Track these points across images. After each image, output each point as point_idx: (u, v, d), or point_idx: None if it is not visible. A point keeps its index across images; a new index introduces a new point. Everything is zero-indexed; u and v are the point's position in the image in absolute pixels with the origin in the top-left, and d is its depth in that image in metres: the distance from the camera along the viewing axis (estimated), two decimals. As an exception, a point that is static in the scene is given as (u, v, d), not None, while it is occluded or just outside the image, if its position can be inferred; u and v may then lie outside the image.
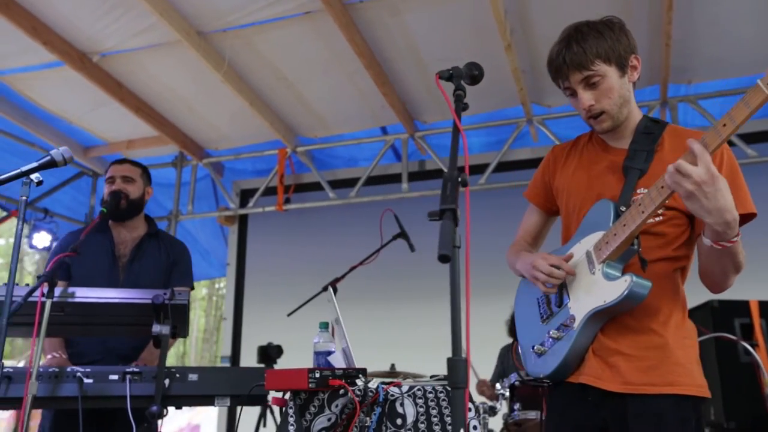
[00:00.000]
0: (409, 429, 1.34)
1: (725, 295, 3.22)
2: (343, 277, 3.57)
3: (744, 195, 1.60)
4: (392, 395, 1.39)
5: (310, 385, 1.44)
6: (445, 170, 4.97)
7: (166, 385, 1.98)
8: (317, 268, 5.06)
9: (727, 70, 4.30)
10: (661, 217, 1.64)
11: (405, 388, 1.40)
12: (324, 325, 1.99)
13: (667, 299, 1.63)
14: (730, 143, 4.31)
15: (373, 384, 1.44)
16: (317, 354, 1.91)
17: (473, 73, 1.59)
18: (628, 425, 1.55)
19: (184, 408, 2.23)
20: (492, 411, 2.72)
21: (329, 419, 1.43)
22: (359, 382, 1.48)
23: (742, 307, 3.20)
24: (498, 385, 2.94)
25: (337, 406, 1.45)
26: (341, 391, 1.44)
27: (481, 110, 4.97)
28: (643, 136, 1.73)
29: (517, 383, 2.84)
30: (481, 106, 4.91)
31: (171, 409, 2.11)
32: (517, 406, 2.81)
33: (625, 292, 1.53)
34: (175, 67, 4.60)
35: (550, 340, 1.69)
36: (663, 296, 1.62)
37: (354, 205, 5.33)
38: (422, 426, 1.36)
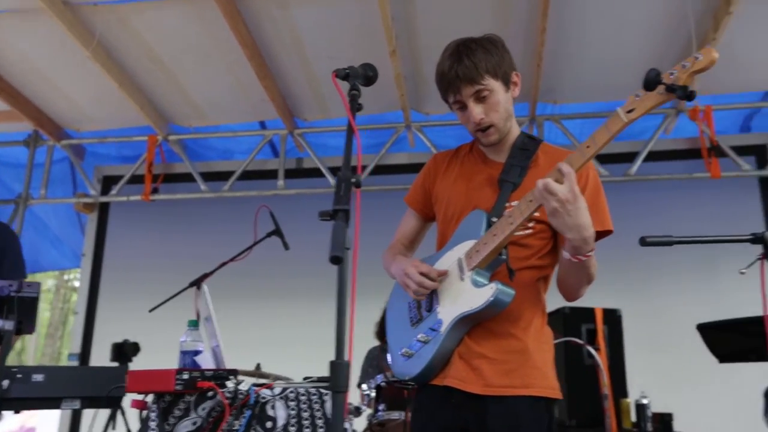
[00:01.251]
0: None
1: (575, 303, 3.52)
2: (212, 273, 3.44)
3: (603, 213, 1.74)
4: (263, 398, 1.36)
5: (177, 388, 1.37)
6: (323, 169, 4.98)
7: (5, 387, 1.80)
8: (184, 263, 4.83)
9: (590, 95, 4.66)
10: (530, 230, 1.74)
11: (277, 390, 1.37)
12: (193, 323, 1.90)
13: (529, 306, 1.74)
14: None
15: (245, 386, 1.39)
16: (184, 353, 1.82)
17: (368, 74, 1.63)
18: (487, 425, 1.63)
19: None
20: (357, 412, 2.75)
21: (194, 423, 1.36)
22: (230, 384, 1.43)
23: (589, 313, 3.49)
24: (364, 386, 2.98)
25: (204, 409, 1.39)
26: (210, 394, 1.38)
27: (361, 112, 5.00)
28: (519, 152, 1.83)
29: (383, 384, 2.89)
30: (369, 108, 4.95)
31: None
32: (381, 407, 2.87)
33: (490, 299, 1.61)
34: (35, 37, 4.21)
35: (418, 343, 1.73)
36: (525, 303, 1.73)
37: (227, 199, 5.16)
38: (292, 429, 1.34)
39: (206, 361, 1.64)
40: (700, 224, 4.34)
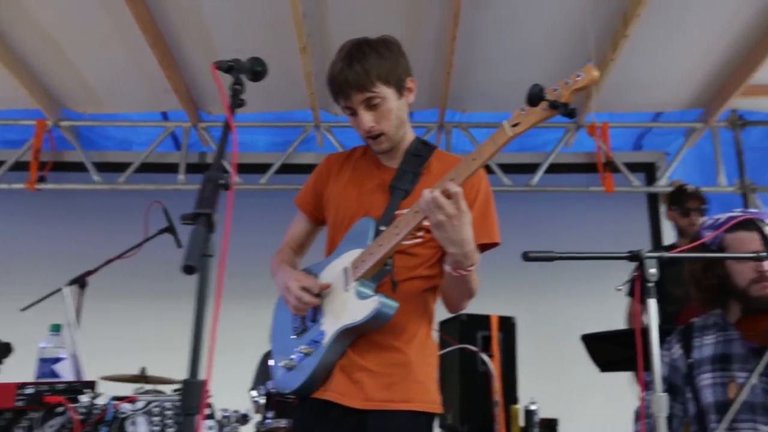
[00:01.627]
0: (138, 450, 1.21)
1: (472, 310, 3.56)
2: (95, 270, 3.23)
3: (492, 225, 1.73)
4: (123, 413, 1.25)
5: (18, 404, 1.23)
6: (225, 164, 4.74)
7: None
8: (72, 259, 4.54)
9: (497, 105, 4.75)
10: (419, 239, 1.70)
11: (140, 404, 1.27)
12: (56, 328, 1.75)
13: (414, 318, 1.71)
14: (490, 170, 4.79)
15: (102, 400, 1.28)
16: (42, 361, 1.66)
17: (256, 69, 1.52)
18: None
19: None
20: (244, 419, 2.65)
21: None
22: (84, 398, 1.31)
23: (484, 321, 3.54)
24: (254, 393, 2.87)
25: (51, 427, 1.27)
26: (59, 410, 1.26)
27: (269, 109, 4.89)
28: (412, 158, 1.78)
29: (273, 391, 2.80)
30: (270, 105, 4.84)
31: None
32: (270, 414, 2.78)
33: (372, 313, 1.57)
34: None
35: (300, 355, 1.67)
36: (411, 315, 1.69)
37: (123, 192, 4.89)
38: (154, 446, 1.25)
39: (66, 371, 1.50)
40: (594, 236, 4.53)
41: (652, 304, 1.46)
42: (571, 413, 3.60)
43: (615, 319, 3.77)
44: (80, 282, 3.16)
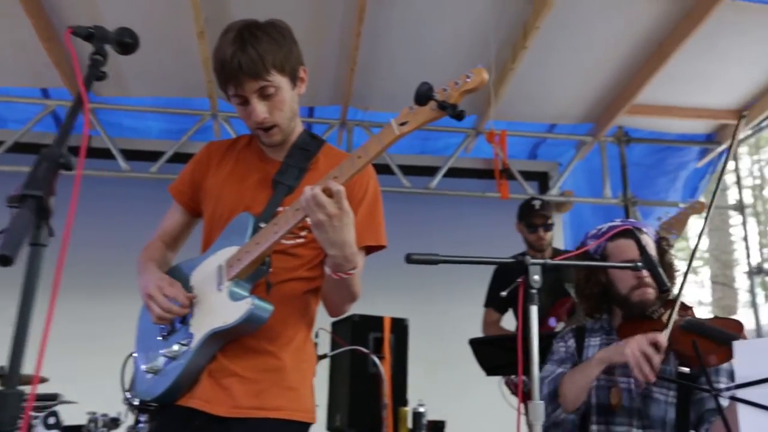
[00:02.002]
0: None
1: (366, 311, 3.51)
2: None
3: (378, 227, 1.67)
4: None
5: None
6: (115, 151, 4.39)
7: None
8: None
9: (399, 105, 4.73)
10: (302, 239, 1.62)
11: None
12: None
13: (292, 321, 1.62)
14: (390, 171, 4.77)
15: None
16: None
17: (125, 41, 1.38)
18: None
19: None
20: (114, 423, 2.46)
21: None
22: None
23: (377, 322, 3.51)
24: (128, 394, 2.68)
25: None
26: None
27: (163, 94, 4.63)
28: (299, 152, 1.70)
29: (130, 396, 2.62)
30: (164, 90, 4.58)
31: None
32: (144, 417, 2.60)
33: (244, 315, 1.47)
34: None
35: (165, 359, 1.53)
36: (289, 318, 1.60)
37: (-9, 172, 4.45)
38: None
39: None
40: (490, 240, 4.62)
41: (534, 310, 1.46)
42: (459, 415, 3.63)
43: (504, 324, 3.86)
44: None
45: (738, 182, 5.29)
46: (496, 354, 2.63)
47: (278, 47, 1.60)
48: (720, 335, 1.68)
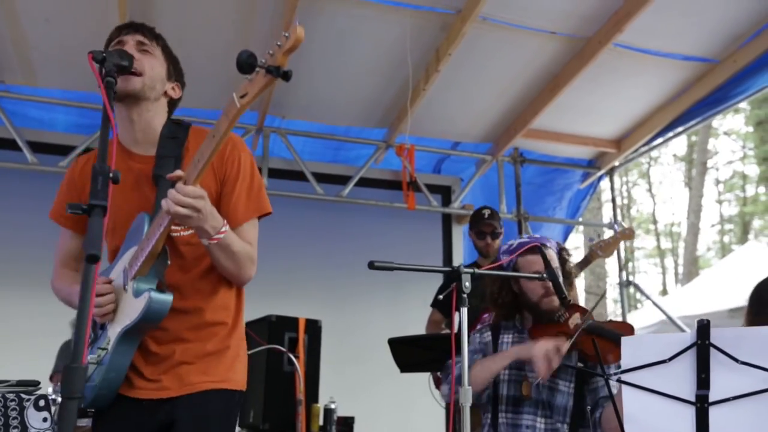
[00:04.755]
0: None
1: (282, 312, 3.67)
2: None
3: (260, 196, 1.78)
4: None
5: None
6: (21, 142, 4.36)
7: None
8: None
9: (316, 115, 4.94)
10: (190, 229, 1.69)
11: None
12: None
13: (214, 303, 1.74)
14: (304, 178, 4.92)
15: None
16: None
17: (122, 64, 1.55)
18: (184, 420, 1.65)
19: None
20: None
21: None
22: None
23: (293, 322, 3.68)
24: (50, 389, 2.67)
25: None
26: None
27: (75, 87, 4.53)
28: (169, 141, 1.74)
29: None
30: (75, 83, 4.49)
31: None
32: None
33: (144, 310, 1.55)
34: None
35: (93, 365, 1.59)
36: (203, 300, 1.72)
37: None
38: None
39: None
40: (396, 248, 4.92)
41: (464, 312, 1.73)
42: (368, 411, 3.87)
43: (407, 324, 4.15)
44: None
45: (613, 203, 5.94)
46: (413, 353, 2.89)
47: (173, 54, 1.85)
48: (615, 337, 2.01)
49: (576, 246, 14.29)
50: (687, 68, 4.51)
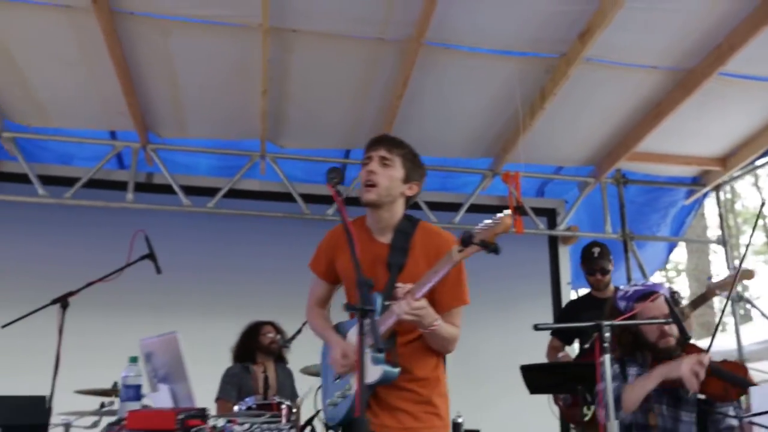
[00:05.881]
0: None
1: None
2: (77, 291, 3.42)
3: (463, 290, 2.26)
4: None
5: (177, 426, 1.59)
6: (176, 187, 5.08)
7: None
8: (27, 270, 4.61)
9: (425, 150, 5.28)
10: None
11: (246, 426, 1.68)
12: (133, 360, 2.07)
13: (425, 366, 2.23)
14: (418, 207, 5.36)
15: (220, 422, 1.67)
16: (126, 387, 2.00)
17: (332, 178, 2.06)
18: None
19: None
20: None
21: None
22: (210, 422, 1.68)
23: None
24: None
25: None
26: (194, 430, 1.63)
27: (219, 136, 5.19)
28: (400, 235, 2.25)
29: (254, 407, 3.17)
30: (221, 133, 5.14)
31: None
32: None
33: (378, 379, 2.06)
34: None
35: (339, 398, 2.18)
36: (420, 364, 2.22)
37: (67, 206, 4.97)
38: (254, 457, 1.66)
39: (164, 400, 1.83)
40: (507, 271, 5.20)
41: (607, 358, 2.08)
42: (491, 425, 4.23)
43: (518, 346, 4.45)
44: (62, 302, 3.34)
45: (720, 219, 6.00)
46: (542, 377, 3.24)
47: (410, 152, 2.30)
48: (733, 379, 2.35)
49: (678, 262, 13.95)
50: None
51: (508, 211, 1.86)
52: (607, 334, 2.08)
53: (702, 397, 2.41)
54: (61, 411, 2.93)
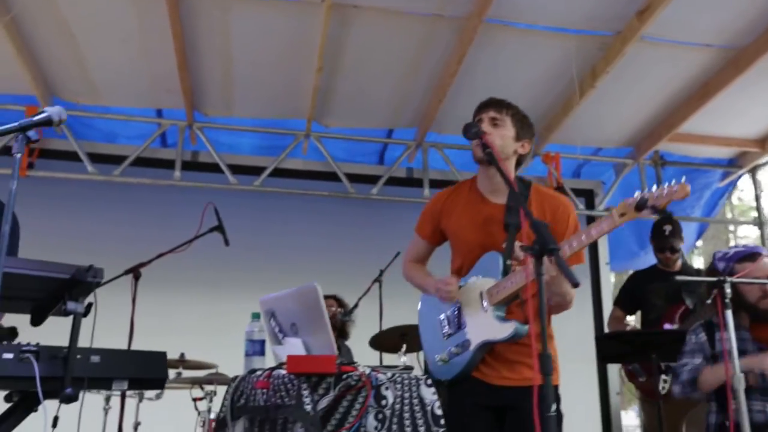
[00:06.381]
0: (389, 409, 1.67)
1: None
2: (149, 262, 3.46)
3: (582, 249, 2.20)
4: (380, 381, 1.69)
5: (336, 370, 1.63)
6: (223, 165, 5.12)
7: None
8: (78, 246, 4.63)
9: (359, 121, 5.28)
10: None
11: (389, 375, 1.72)
12: (256, 316, 2.11)
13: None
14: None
15: (366, 370, 1.71)
16: (252, 342, 2.05)
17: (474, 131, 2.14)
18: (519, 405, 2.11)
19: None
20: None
21: (328, 400, 1.64)
22: (359, 368, 1.72)
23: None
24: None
25: (341, 387, 1.67)
26: (344, 376, 1.67)
27: (266, 116, 5.20)
28: (516, 195, 2.17)
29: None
30: (267, 112, 5.15)
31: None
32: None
33: (511, 334, 2.09)
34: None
35: (451, 354, 2.20)
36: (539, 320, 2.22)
37: (115, 183, 4.99)
38: (397, 407, 1.70)
39: (294, 349, 1.87)
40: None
41: (729, 313, 2.12)
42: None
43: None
44: (135, 272, 3.38)
45: (757, 200, 6.06)
46: (614, 346, 3.29)
47: (520, 112, 2.33)
48: None
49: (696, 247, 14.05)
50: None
51: (684, 179, 1.87)
52: (729, 290, 2.13)
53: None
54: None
